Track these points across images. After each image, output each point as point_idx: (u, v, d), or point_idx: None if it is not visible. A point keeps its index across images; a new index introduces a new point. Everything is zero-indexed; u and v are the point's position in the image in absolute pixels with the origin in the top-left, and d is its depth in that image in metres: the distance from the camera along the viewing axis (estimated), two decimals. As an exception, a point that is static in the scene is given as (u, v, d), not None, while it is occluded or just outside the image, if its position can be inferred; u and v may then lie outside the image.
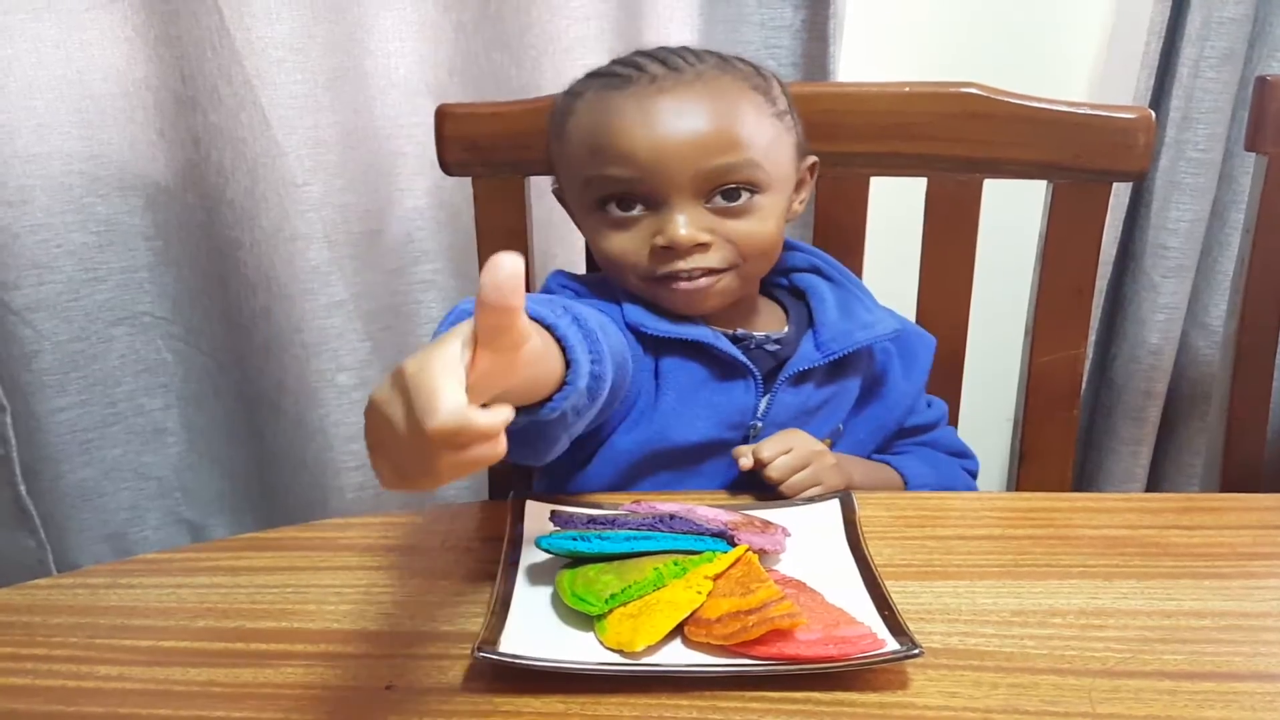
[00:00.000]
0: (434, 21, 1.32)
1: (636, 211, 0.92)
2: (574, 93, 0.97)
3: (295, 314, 1.36)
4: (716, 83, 0.92)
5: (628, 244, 0.92)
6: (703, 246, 0.91)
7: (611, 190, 0.91)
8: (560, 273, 1.03)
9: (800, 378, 0.97)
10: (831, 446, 0.98)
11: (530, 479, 1.03)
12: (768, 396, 0.97)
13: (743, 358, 0.95)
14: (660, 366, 0.95)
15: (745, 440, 0.96)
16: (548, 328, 0.68)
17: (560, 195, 1.03)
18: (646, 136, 0.89)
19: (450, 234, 1.43)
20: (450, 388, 0.52)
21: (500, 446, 0.54)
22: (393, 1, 1.30)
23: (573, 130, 0.95)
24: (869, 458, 1.04)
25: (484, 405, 0.54)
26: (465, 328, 0.56)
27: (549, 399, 0.67)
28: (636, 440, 0.95)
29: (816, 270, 1.05)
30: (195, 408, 1.47)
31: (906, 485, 1.02)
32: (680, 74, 0.92)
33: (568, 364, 0.68)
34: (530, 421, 0.67)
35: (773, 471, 0.89)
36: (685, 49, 0.96)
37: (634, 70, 0.93)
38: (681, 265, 0.91)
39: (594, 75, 0.97)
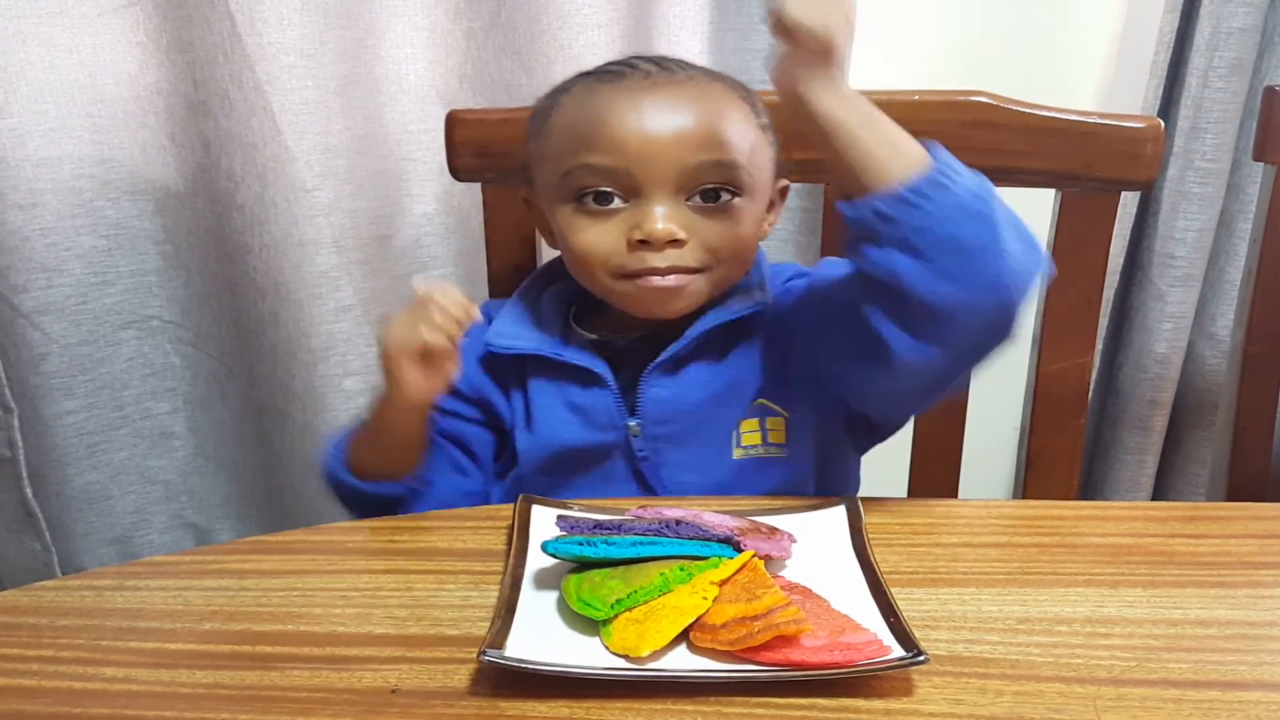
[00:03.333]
0: (445, 28, 1.33)
1: (614, 205, 0.91)
2: (561, 89, 0.97)
3: (303, 319, 1.36)
4: (707, 87, 0.94)
5: (602, 237, 0.91)
6: (678, 243, 0.90)
7: (592, 181, 0.91)
8: (489, 303, 1.06)
9: (674, 367, 0.95)
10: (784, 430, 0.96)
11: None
12: (637, 394, 0.95)
13: (582, 360, 0.95)
14: (528, 380, 0.98)
15: (628, 440, 0.95)
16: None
17: (529, 201, 1.02)
18: (636, 126, 0.89)
19: (459, 240, 1.43)
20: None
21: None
22: (404, 8, 1.30)
23: (556, 124, 0.95)
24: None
25: None
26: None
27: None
28: (526, 446, 0.97)
29: None
30: (202, 412, 1.47)
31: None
32: (673, 74, 0.94)
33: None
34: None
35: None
36: (677, 59, 0.97)
37: (626, 68, 0.94)
38: (656, 262, 0.90)
39: (584, 74, 0.97)
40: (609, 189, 0.91)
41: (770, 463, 0.95)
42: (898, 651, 0.65)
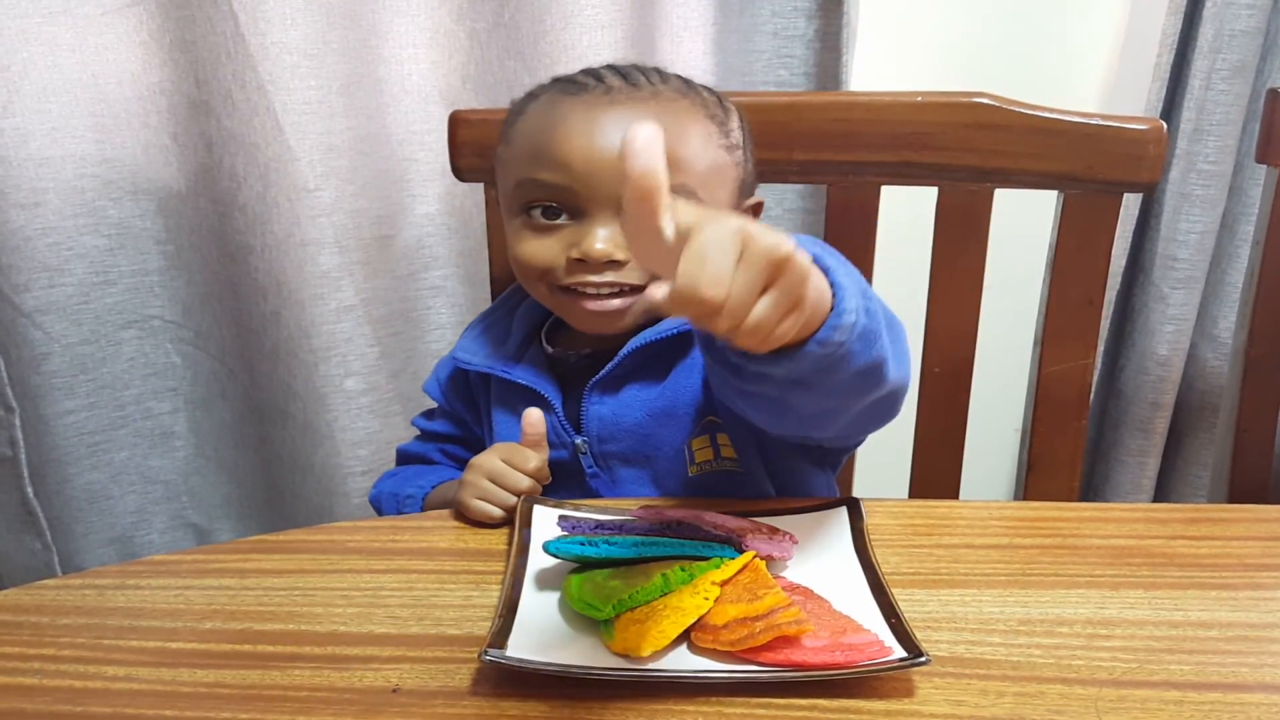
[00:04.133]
0: (448, 29, 1.33)
1: (560, 220, 0.91)
2: (531, 95, 0.96)
3: (305, 319, 1.36)
4: (671, 104, 0.91)
5: (544, 251, 0.91)
6: (616, 264, 0.89)
7: (539, 196, 0.90)
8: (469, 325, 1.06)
9: (615, 385, 0.94)
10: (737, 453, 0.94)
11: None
12: (578, 411, 0.95)
13: (527, 379, 0.95)
14: (492, 411, 0.99)
15: (576, 456, 0.95)
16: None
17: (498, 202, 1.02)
18: (584, 145, 0.88)
19: (461, 240, 1.43)
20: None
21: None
22: (407, 9, 1.30)
23: (519, 131, 0.94)
24: None
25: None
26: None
27: None
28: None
29: None
30: (203, 412, 1.47)
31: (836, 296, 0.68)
32: (637, 89, 0.91)
33: None
34: None
35: (724, 320, 0.57)
36: (653, 69, 0.95)
37: (593, 80, 0.92)
38: (592, 279, 0.90)
39: (556, 80, 0.96)
40: (555, 205, 0.90)
41: (727, 477, 0.94)
42: (899, 652, 0.65)
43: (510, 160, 0.94)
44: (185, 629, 0.73)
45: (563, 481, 0.95)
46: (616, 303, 0.91)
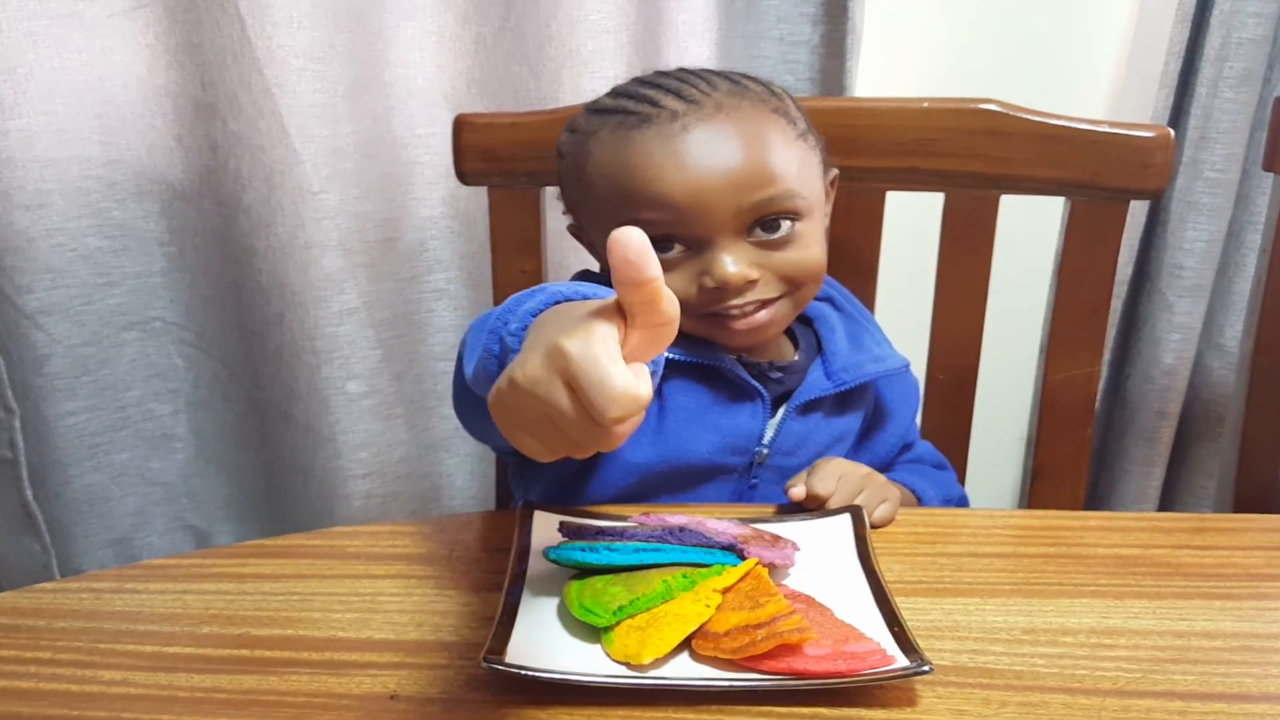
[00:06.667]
0: (454, 33, 1.32)
1: (675, 252, 0.88)
2: (583, 132, 0.93)
3: (308, 321, 1.36)
4: (738, 112, 0.88)
5: (672, 285, 0.88)
6: (752, 283, 0.88)
7: (650, 235, 0.89)
8: (585, 272, 1.03)
9: (808, 406, 0.96)
10: None
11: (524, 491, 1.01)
12: (775, 422, 0.95)
13: (753, 381, 0.93)
14: (665, 387, 0.93)
15: (750, 466, 0.95)
16: None
17: (577, 233, 1.00)
18: (680, 178, 0.85)
19: (464, 243, 1.43)
20: (620, 372, 0.52)
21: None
22: (413, 13, 1.30)
23: (594, 174, 0.91)
24: None
25: None
26: (610, 304, 0.55)
27: None
28: (645, 457, 0.92)
29: (829, 300, 1.04)
30: (204, 414, 1.47)
31: (921, 503, 1.00)
32: (699, 106, 0.87)
33: None
34: None
35: (834, 504, 0.86)
36: (691, 74, 0.92)
37: (649, 106, 0.88)
38: (735, 302, 0.88)
39: (601, 112, 0.92)
40: (667, 238, 0.88)
41: None
42: (901, 661, 0.65)
43: (597, 205, 0.92)
44: (183, 633, 0.73)
45: (714, 484, 0.95)
46: (763, 316, 0.90)
